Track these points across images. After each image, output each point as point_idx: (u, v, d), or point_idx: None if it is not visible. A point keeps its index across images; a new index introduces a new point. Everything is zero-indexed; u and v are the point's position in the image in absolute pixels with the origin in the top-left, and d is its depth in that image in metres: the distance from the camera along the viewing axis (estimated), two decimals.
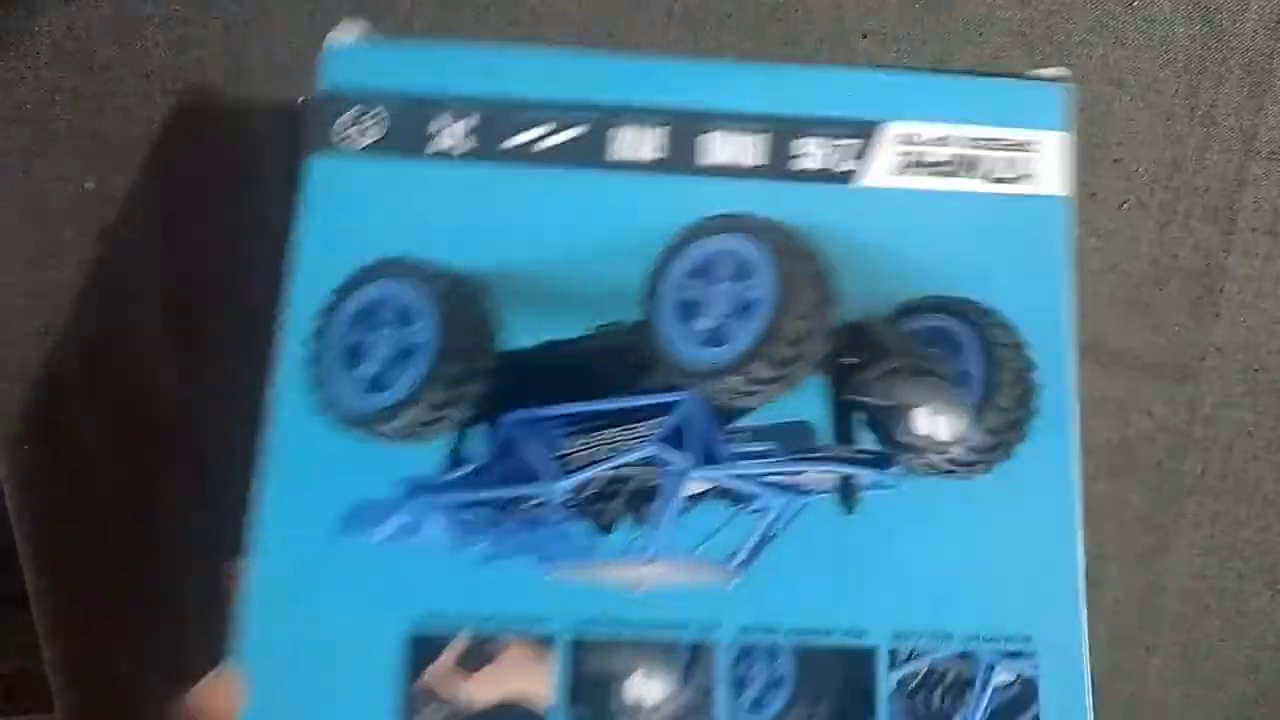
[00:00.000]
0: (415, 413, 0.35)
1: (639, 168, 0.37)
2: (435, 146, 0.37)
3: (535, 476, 0.35)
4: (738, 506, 0.36)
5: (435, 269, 0.36)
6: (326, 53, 0.36)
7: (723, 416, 0.36)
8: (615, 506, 0.36)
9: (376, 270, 0.36)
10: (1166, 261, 0.45)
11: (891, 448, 0.36)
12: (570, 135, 0.37)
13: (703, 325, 0.35)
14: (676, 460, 0.35)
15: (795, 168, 0.37)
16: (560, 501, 0.35)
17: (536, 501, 0.35)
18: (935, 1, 0.42)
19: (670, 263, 0.35)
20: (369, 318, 0.36)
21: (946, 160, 0.37)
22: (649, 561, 0.34)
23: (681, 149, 0.37)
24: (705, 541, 0.35)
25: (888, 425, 0.36)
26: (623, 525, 0.36)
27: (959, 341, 0.36)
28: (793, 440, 0.36)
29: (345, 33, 0.37)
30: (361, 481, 0.35)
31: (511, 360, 0.36)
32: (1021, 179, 0.38)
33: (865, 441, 0.36)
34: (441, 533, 0.35)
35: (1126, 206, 0.45)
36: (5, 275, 0.46)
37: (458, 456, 0.36)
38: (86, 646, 0.52)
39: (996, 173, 0.38)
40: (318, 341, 0.36)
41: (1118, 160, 0.45)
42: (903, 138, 0.37)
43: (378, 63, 0.37)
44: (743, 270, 0.35)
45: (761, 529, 0.35)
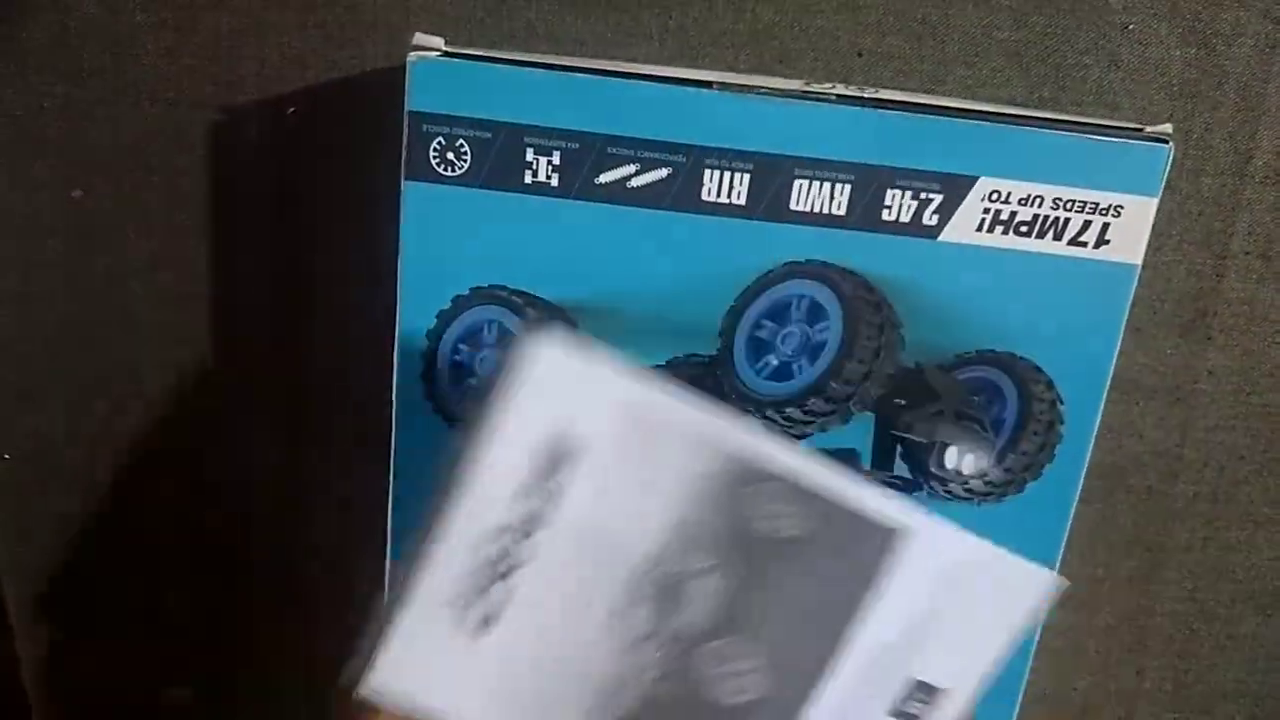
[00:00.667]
0: None
1: (727, 210, 0.37)
2: (528, 178, 0.37)
3: None
4: None
5: (529, 298, 0.38)
6: (412, 71, 0.36)
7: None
8: None
9: (475, 298, 0.38)
10: (1159, 285, 0.45)
11: (920, 475, 0.40)
12: (661, 175, 0.37)
13: (772, 361, 0.39)
14: None
15: (882, 218, 0.37)
16: None
17: None
18: (931, 21, 0.42)
19: (749, 304, 0.38)
20: (472, 338, 0.39)
21: (1030, 220, 0.37)
22: None
23: (769, 194, 0.37)
24: None
25: (921, 457, 0.40)
26: None
27: (1002, 392, 0.39)
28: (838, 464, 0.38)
29: (426, 48, 0.36)
30: None
31: None
32: (1101, 244, 0.37)
33: (900, 469, 0.40)
34: None
35: None
36: None
37: None
38: (66, 657, 0.52)
39: (1078, 236, 0.37)
40: (429, 358, 0.39)
41: None
42: (991, 194, 0.37)
43: (466, 85, 0.36)
44: (814, 314, 0.38)
45: None
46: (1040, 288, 0.38)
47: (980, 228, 0.37)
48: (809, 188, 0.37)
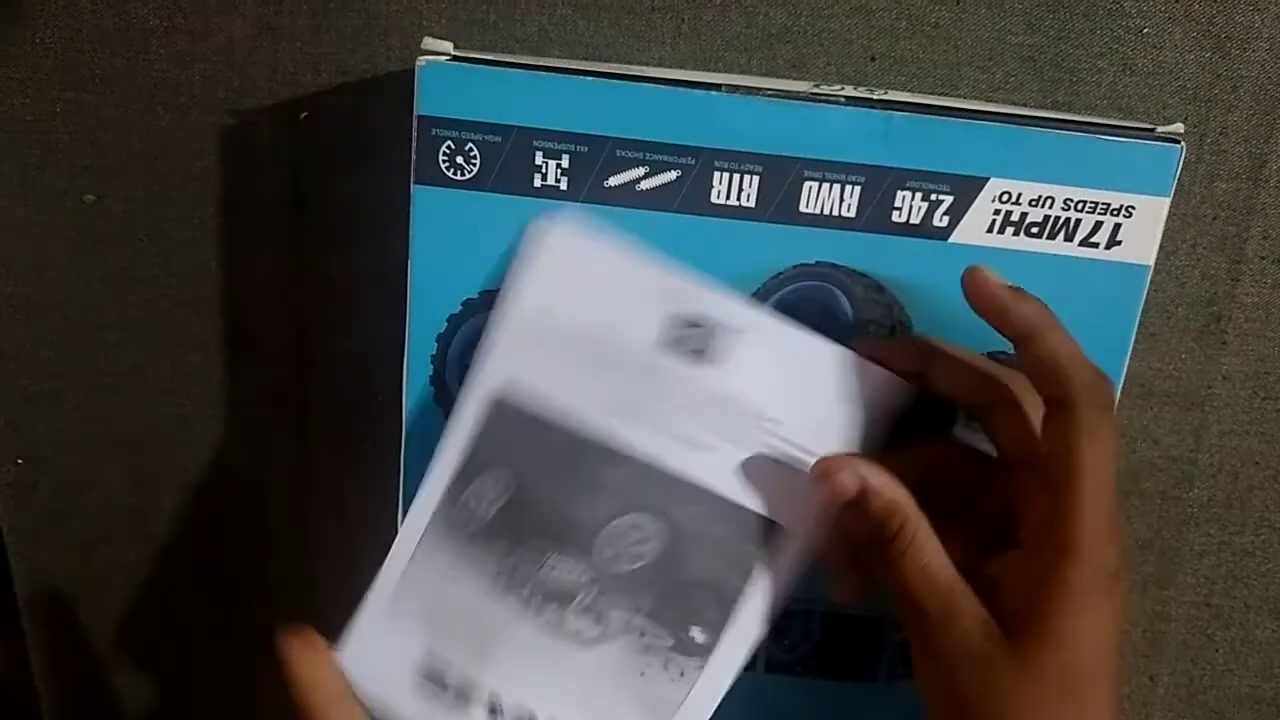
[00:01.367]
0: None
1: (736, 213, 0.37)
2: (537, 182, 0.37)
3: None
4: None
5: None
6: (421, 75, 0.36)
7: None
8: None
9: (485, 302, 0.38)
10: (1173, 289, 0.45)
11: None
12: (670, 178, 0.37)
13: None
14: None
15: (892, 220, 0.37)
16: None
17: None
18: (944, 25, 0.42)
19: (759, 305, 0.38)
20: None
21: (1041, 221, 0.37)
22: None
23: (779, 196, 0.37)
24: None
25: None
26: None
27: None
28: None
29: (435, 52, 0.36)
30: None
31: None
32: (1112, 245, 0.37)
33: None
34: None
35: None
36: (3, 288, 0.45)
37: None
38: (76, 658, 0.52)
39: (1089, 237, 0.37)
40: (438, 362, 0.39)
41: None
42: (1002, 195, 0.37)
43: (475, 89, 0.36)
44: (826, 316, 0.38)
45: None
46: (1052, 289, 0.37)
47: (991, 229, 0.37)
48: (819, 189, 0.37)
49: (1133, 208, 0.37)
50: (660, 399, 0.37)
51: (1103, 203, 0.37)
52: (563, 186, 0.37)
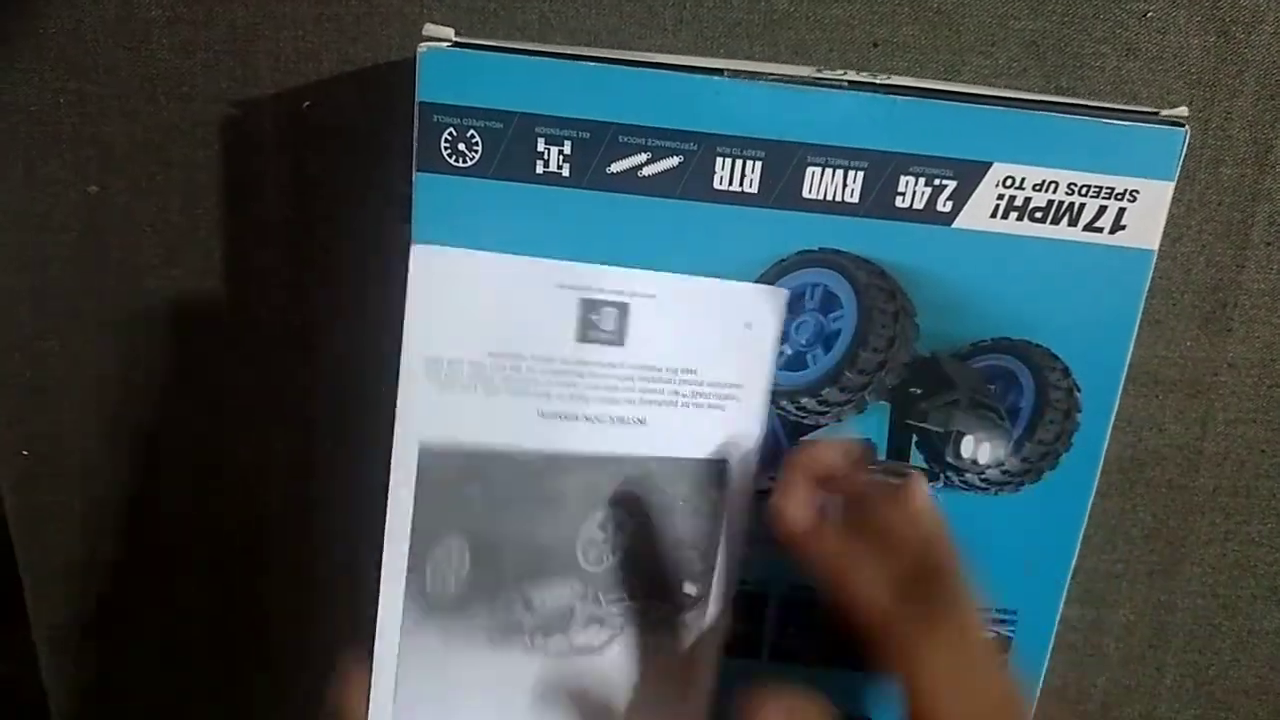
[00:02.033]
0: None
1: (739, 199, 0.37)
2: (539, 168, 0.37)
3: None
4: None
5: None
6: (422, 61, 0.36)
7: (794, 429, 0.40)
8: None
9: None
10: (1178, 276, 0.45)
11: (937, 466, 0.40)
12: (672, 164, 0.37)
13: (786, 350, 0.39)
14: None
15: (896, 205, 0.37)
16: None
17: None
18: (947, 10, 0.42)
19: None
20: None
21: (1045, 205, 0.37)
22: None
23: (782, 182, 0.37)
24: None
25: (937, 447, 0.40)
26: None
27: (1019, 379, 0.39)
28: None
29: (436, 38, 0.36)
30: None
31: None
32: (1117, 229, 0.37)
33: (916, 459, 0.40)
34: None
35: None
36: (5, 278, 0.46)
37: None
38: (81, 650, 0.52)
39: (1093, 222, 0.37)
40: None
41: None
42: (1006, 180, 0.37)
43: (476, 75, 0.36)
44: (828, 303, 0.38)
45: None
46: (1056, 274, 0.37)
47: (995, 214, 0.37)
48: (821, 175, 0.37)
49: (1137, 192, 0.37)
50: (588, 390, 0.37)
51: (1107, 187, 0.37)
52: (565, 173, 0.37)
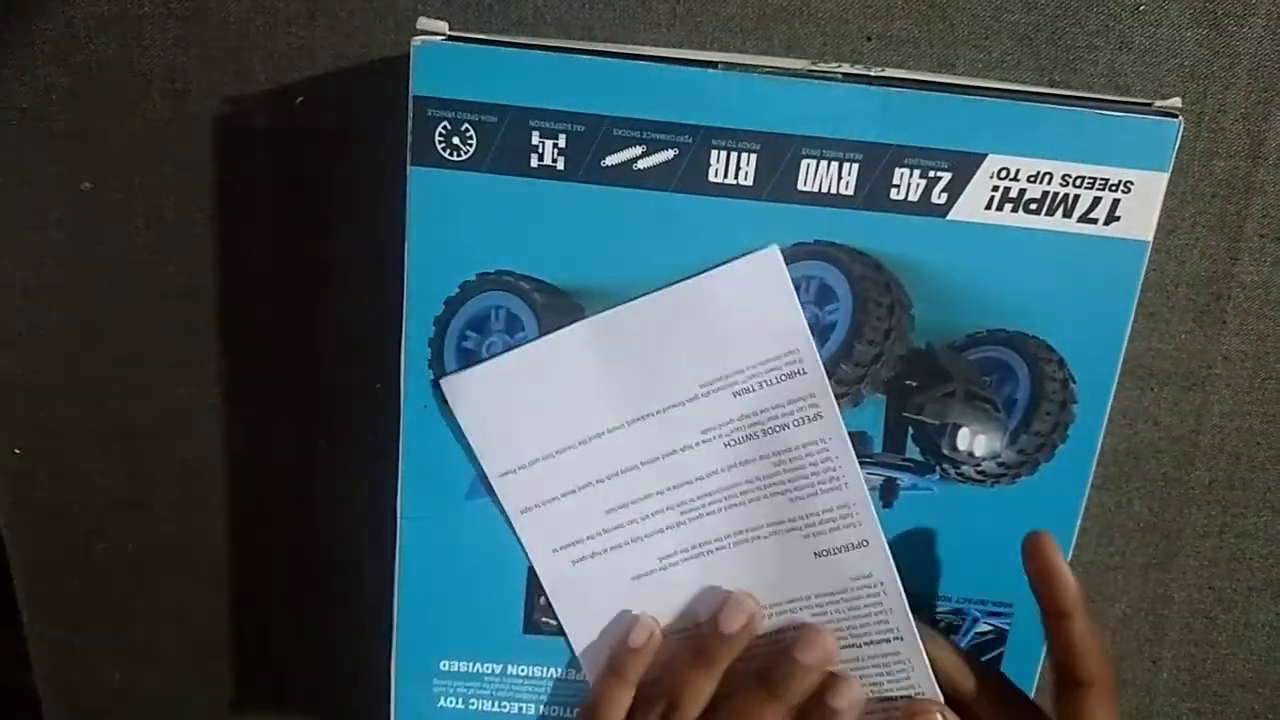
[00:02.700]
0: None
1: (734, 191, 0.37)
2: (534, 162, 0.37)
3: None
4: None
5: (536, 283, 0.38)
6: (416, 55, 0.36)
7: None
8: None
9: (482, 284, 0.38)
10: (1172, 269, 0.45)
11: (933, 458, 0.40)
12: (667, 157, 0.37)
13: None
14: None
15: (890, 198, 0.37)
16: None
17: None
18: (940, 4, 0.42)
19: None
20: (480, 324, 0.39)
21: (1039, 197, 0.37)
22: None
23: (776, 175, 0.37)
24: None
25: (933, 439, 0.40)
26: None
27: (1014, 371, 0.39)
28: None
29: (429, 33, 0.36)
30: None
31: None
32: (1111, 221, 0.37)
33: (911, 451, 0.40)
34: None
35: None
36: (0, 276, 0.45)
37: None
38: (75, 652, 0.52)
39: (1088, 213, 0.37)
40: (436, 345, 0.39)
41: None
42: (1000, 171, 0.37)
43: (470, 69, 0.36)
44: (823, 295, 0.38)
45: None
46: (1051, 265, 0.37)
47: (989, 205, 0.37)
48: (816, 167, 0.37)
49: (1131, 183, 0.37)
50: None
51: (1101, 178, 0.37)
52: (559, 166, 0.37)
